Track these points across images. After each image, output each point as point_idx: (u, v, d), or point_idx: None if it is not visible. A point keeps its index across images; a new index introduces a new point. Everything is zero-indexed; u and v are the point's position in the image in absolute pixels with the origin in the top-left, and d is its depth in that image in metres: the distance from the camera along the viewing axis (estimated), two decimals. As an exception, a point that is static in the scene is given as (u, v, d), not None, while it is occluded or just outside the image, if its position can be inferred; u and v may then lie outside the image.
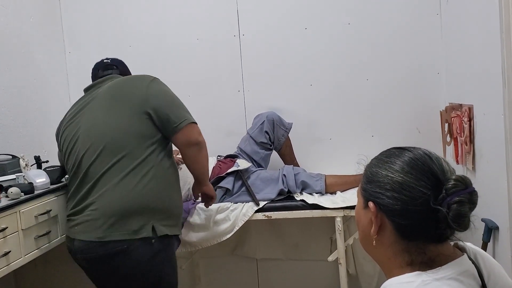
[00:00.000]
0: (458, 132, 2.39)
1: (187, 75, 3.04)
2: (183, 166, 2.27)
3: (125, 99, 1.98)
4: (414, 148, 1.00)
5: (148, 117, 1.95)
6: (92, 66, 2.38)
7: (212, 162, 2.66)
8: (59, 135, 2.17)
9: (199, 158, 2.10)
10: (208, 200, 2.34)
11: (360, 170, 1.07)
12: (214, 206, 2.52)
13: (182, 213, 2.17)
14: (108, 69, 2.20)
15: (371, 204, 0.97)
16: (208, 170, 2.27)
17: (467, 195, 0.90)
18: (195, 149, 2.05)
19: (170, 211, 2.00)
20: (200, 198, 2.43)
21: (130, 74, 2.30)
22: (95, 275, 2.02)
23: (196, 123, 2.04)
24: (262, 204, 2.54)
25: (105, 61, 2.25)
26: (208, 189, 2.28)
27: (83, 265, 2.00)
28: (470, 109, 2.22)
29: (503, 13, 1.79)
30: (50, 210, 2.00)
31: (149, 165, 1.93)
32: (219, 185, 2.59)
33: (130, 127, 1.94)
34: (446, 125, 2.57)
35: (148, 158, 1.93)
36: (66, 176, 2.22)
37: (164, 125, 1.97)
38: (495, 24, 1.84)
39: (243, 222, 2.51)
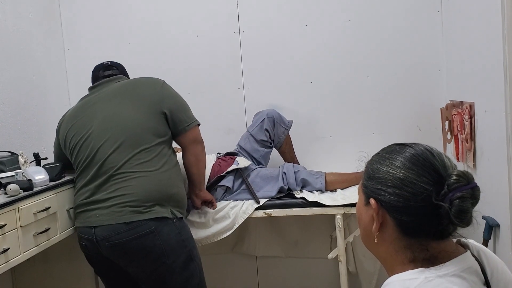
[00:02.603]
0: (459, 129, 2.38)
1: (186, 72, 3.03)
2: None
3: (142, 98, 2.15)
4: (415, 144, 0.99)
5: (163, 116, 2.15)
6: (91, 63, 2.42)
7: (211, 159, 2.66)
8: (63, 130, 2.23)
9: (202, 157, 2.31)
10: (208, 204, 2.49)
11: (361, 167, 1.06)
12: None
13: (186, 203, 2.29)
14: (109, 69, 2.35)
15: (372, 201, 0.97)
16: (204, 176, 2.43)
17: (469, 190, 0.89)
18: (200, 148, 2.27)
19: (181, 199, 2.16)
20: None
21: (128, 75, 2.44)
22: (123, 263, 2.04)
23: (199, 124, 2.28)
24: (262, 201, 2.53)
25: (104, 63, 2.40)
26: (205, 194, 2.44)
27: (107, 255, 2.02)
28: (471, 106, 2.21)
29: (505, 9, 1.77)
30: (49, 207, 1.99)
31: (163, 159, 2.11)
32: (219, 184, 2.58)
33: (148, 123, 2.11)
34: (447, 122, 2.56)
35: (162, 153, 2.12)
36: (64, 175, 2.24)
37: (176, 124, 2.18)
38: (497, 21, 1.83)
39: (243, 220, 2.50)
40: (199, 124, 2.28)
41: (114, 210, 1.99)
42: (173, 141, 2.28)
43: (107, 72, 2.32)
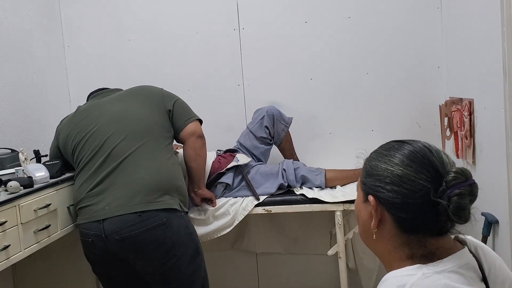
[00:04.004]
0: (459, 126, 2.38)
1: (186, 69, 3.03)
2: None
3: (146, 98, 2.22)
4: (413, 141, 0.99)
5: (168, 114, 2.21)
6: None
7: (211, 156, 2.66)
8: (65, 130, 2.24)
9: (201, 152, 2.32)
10: (208, 201, 2.50)
11: (360, 164, 1.06)
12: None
13: (188, 199, 2.31)
14: (106, 88, 2.39)
15: (371, 197, 0.97)
16: (204, 173, 2.44)
17: (467, 187, 0.89)
18: (200, 142, 2.28)
19: (185, 193, 2.19)
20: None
21: None
22: (132, 257, 2.02)
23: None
24: (262, 198, 2.54)
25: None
26: (204, 192, 2.44)
27: (114, 250, 2.00)
28: (471, 103, 2.22)
29: (504, 6, 1.78)
30: (50, 204, 2.00)
31: (169, 154, 2.16)
32: (219, 181, 2.58)
33: (156, 118, 2.17)
34: (446, 119, 2.57)
35: (167, 148, 2.17)
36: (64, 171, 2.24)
37: (176, 120, 2.22)
38: (496, 18, 1.83)
39: (243, 216, 2.51)
40: (200, 121, 2.31)
41: (124, 200, 1.98)
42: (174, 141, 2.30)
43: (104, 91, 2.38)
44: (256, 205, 2.52)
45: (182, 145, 2.34)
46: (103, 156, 2.06)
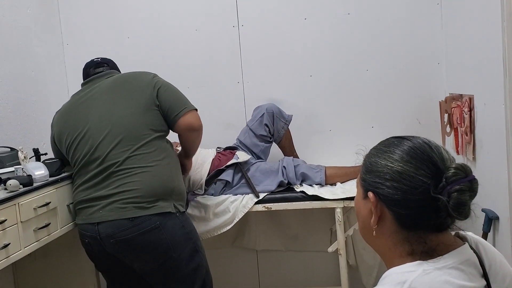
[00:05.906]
0: (459, 122, 2.38)
1: (185, 66, 3.02)
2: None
3: (134, 93, 2.13)
4: (413, 137, 0.99)
5: (157, 110, 2.12)
6: (90, 58, 2.42)
7: (211, 154, 2.66)
8: (56, 127, 2.23)
9: (197, 141, 2.29)
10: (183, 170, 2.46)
11: (359, 160, 1.06)
12: (214, 199, 2.55)
13: (186, 195, 2.29)
14: (100, 67, 2.31)
15: (370, 194, 0.96)
16: (197, 148, 2.40)
17: (467, 183, 0.89)
18: (195, 134, 2.23)
19: (182, 192, 2.17)
20: (200, 191, 2.59)
21: (119, 70, 2.40)
22: (129, 259, 2.05)
23: (196, 109, 2.20)
24: (262, 195, 2.54)
25: (95, 60, 2.36)
26: (189, 163, 2.43)
27: (111, 252, 2.03)
28: (471, 99, 2.21)
29: (504, 2, 1.77)
30: (49, 203, 2.00)
31: (163, 154, 2.11)
32: (219, 178, 2.58)
33: (144, 118, 2.09)
34: (446, 115, 2.56)
35: (161, 147, 2.12)
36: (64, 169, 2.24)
37: (167, 115, 2.13)
38: (496, 13, 1.83)
39: (243, 214, 2.51)
40: (195, 110, 2.20)
41: (117, 206, 1.99)
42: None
43: (98, 69, 2.28)
44: (256, 203, 2.53)
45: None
46: (96, 163, 2.05)
